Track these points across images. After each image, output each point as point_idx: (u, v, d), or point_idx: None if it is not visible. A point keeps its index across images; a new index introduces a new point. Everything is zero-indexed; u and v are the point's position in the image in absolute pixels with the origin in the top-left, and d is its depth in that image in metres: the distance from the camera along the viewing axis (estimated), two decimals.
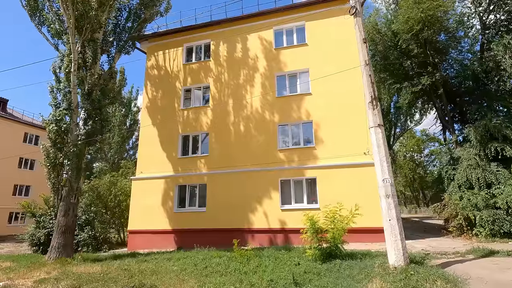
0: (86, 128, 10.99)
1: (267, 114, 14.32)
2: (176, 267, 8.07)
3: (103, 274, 7.81)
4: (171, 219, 14.27)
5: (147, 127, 15.78)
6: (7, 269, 9.32)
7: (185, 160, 15.03)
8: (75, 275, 7.82)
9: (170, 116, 15.78)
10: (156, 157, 15.32)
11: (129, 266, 8.63)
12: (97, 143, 11.39)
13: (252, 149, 14.05)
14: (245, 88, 15.01)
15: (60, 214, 10.58)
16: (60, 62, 11.88)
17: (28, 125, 29.10)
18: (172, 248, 13.65)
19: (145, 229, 14.36)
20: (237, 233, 12.99)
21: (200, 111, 15.45)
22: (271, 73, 14.83)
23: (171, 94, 16.19)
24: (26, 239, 15.19)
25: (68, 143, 10.67)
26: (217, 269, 7.64)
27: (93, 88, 11.53)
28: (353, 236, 11.05)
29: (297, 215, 12.61)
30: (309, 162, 13.14)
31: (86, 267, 8.84)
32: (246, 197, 13.40)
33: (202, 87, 15.98)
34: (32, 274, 8.31)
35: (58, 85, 11.73)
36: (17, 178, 27.55)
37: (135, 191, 15.14)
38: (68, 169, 10.80)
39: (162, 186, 14.79)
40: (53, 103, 11.20)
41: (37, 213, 15.23)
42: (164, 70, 16.73)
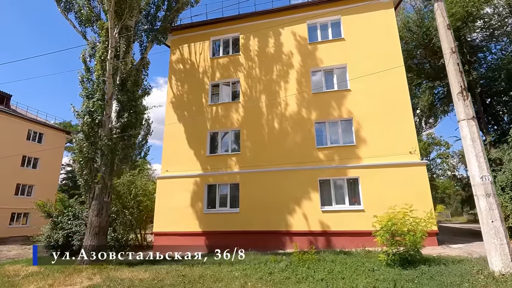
0: (122, 120, 10.16)
1: (304, 111, 13.67)
2: (237, 273, 7.29)
3: (157, 281, 7.00)
4: (200, 220, 13.44)
5: (172, 122, 14.96)
6: (40, 275, 8.40)
7: (214, 158, 14.25)
8: (125, 282, 6.98)
9: (197, 112, 15.01)
10: (182, 155, 14.51)
11: (180, 271, 7.81)
12: (131, 137, 10.53)
13: (287, 147, 13.37)
14: (278, 84, 14.35)
15: (92, 213, 9.70)
16: (91, 50, 11.05)
17: (32, 122, 27.81)
18: (203, 251, 12.81)
19: (172, 231, 13.50)
20: (273, 236, 12.36)
21: (230, 107, 14.72)
22: (306, 68, 14.21)
23: (197, 89, 15.43)
24: (42, 241, 14.14)
25: (102, 137, 9.82)
26: (285, 275, 6.90)
27: (127, 78, 10.73)
28: None
29: (339, 217, 12.03)
30: (350, 161, 12.51)
31: (130, 272, 7.99)
32: (283, 198, 12.69)
33: (231, 82, 15.26)
34: (73, 280, 7.43)
35: (88, 75, 10.89)
36: (20, 177, 26.24)
37: (161, 190, 14.28)
38: (102, 164, 9.94)
39: (190, 185, 13.97)
40: (85, 93, 10.34)
41: (53, 213, 14.24)
42: (190, 64, 15.97)
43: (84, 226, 13.45)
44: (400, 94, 12.57)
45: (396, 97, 12.54)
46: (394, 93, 12.59)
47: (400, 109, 12.40)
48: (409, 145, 11.94)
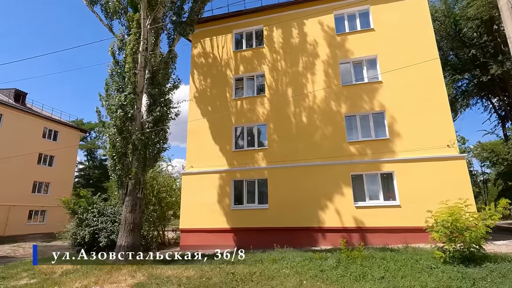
0: (154, 114, 9.89)
1: (333, 104, 13.27)
2: (286, 271, 6.99)
3: (205, 279, 6.73)
4: (228, 217, 13.17)
5: (195, 119, 14.66)
6: (78, 272, 8.20)
7: (240, 153, 13.94)
8: (172, 280, 6.72)
9: (221, 107, 14.70)
10: (207, 151, 14.23)
11: (224, 269, 7.54)
12: (161, 131, 10.24)
13: (317, 141, 13.00)
14: (305, 77, 13.95)
15: (126, 210, 9.46)
16: (120, 43, 10.77)
17: (47, 120, 27.79)
18: (231, 248, 12.55)
19: (199, 228, 13.27)
20: (305, 232, 12.05)
21: (255, 101, 14.37)
22: (334, 60, 13.79)
23: (221, 83, 15.10)
24: (68, 238, 14.04)
25: (135, 131, 9.55)
26: (339, 273, 6.57)
27: (157, 71, 10.44)
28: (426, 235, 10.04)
29: (373, 213, 11.65)
30: (384, 155, 12.10)
31: (171, 270, 7.73)
32: (314, 193, 12.34)
33: (255, 76, 14.90)
34: (116, 278, 7.20)
35: (117, 68, 10.62)
36: (36, 174, 26.27)
37: (186, 186, 14.04)
38: (134, 160, 9.69)
39: (216, 181, 13.70)
40: (116, 87, 10.09)
41: (78, 210, 14.10)
42: (212, 58, 15.64)
43: (111, 223, 13.31)
44: (436, 86, 12.09)
45: (432, 89, 12.07)
46: (429, 85, 12.12)
47: (436, 101, 11.93)
48: (447, 138, 11.49)
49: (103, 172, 44.60)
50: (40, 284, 7.05)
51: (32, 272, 8.70)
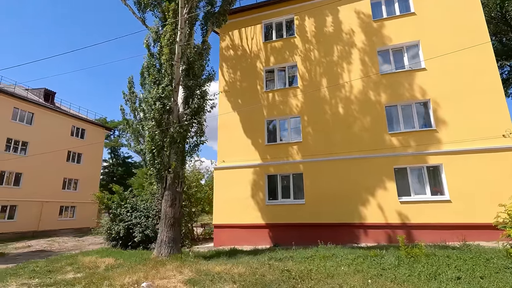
0: (192, 106, 9.63)
1: (372, 94, 12.58)
2: (345, 268, 6.52)
3: (258, 276, 6.36)
4: (262, 212, 12.81)
5: (226, 112, 14.35)
6: (122, 267, 8.08)
7: (274, 147, 13.52)
8: (224, 277, 6.40)
9: (251, 100, 14.31)
10: (238, 145, 13.91)
11: (273, 265, 7.16)
12: (198, 124, 9.97)
13: (355, 134, 12.37)
14: (340, 66, 13.31)
15: (166, 204, 9.27)
16: (155, 35, 10.57)
17: (75, 118, 28.45)
18: (266, 244, 12.24)
19: (233, 223, 12.99)
20: (345, 229, 11.50)
21: (287, 92, 13.88)
22: (371, 48, 13.06)
23: (251, 76, 14.71)
24: (103, 233, 14.17)
25: (174, 123, 9.32)
26: (403, 272, 6.03)
27: (194, 62, 10.16)
28: (485, 233, 9.31)
29: (419, 208, 10.95)
30: (430, 147, 11.32)
31: (218, 266, 7.43)
32: (354, 188, 11.75)
33: (287, 67, 14.39)
34: (164, 273, 6.97)
35: (153, 61, 10.43)
36: (65, 171, 26.97)
37: (218, 181, 13.78)
38: (173, 153, 9.47)
39: (249, 176, 13.36)
40: (152, 79, 9.89)
41: (112, 205, 14.17)
42: (241, 50, 15.26)
43: (144, 218, 13.28)
44: (488, 72, 11.16)
45: (482, 75, 11.15)
46: (480, 71, 11.20)
47: (488, 88, 11.00)
48: (502, 127, 10.58)
49: (126, 170, 45.57)
50: (88, 279, 6.91)
51: (76, 266, 8.67)
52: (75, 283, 6.78)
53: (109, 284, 6.33)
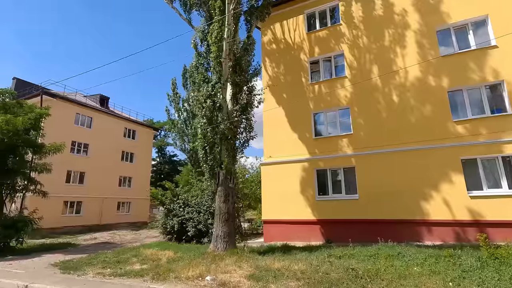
0: (241, 102, 9.66)
1: (431, 79, 11.48)
2: (418, 269, 6.00)
3: (321, 273, 6.13)
4: (313, 208, 12.49)
5: (271, 108, 14.19)
6: (182, 260, 8.39)
7: (322, 140, 13.07)
8: (283, 273, 6.28)
9: (296, 93, 13.97)
10: (285, 140, 13.69)
11: (335, 263, 6.87)
12: (247, 119, 9.96)
13: (413, 123, 11.41)
14: (393, 51, 12.35)
15: (219, 200, 9.44)
16: (201, 35, 10.76)
17: (126, 121, 30.60)
18: (317, 241, 11.89)
19: (282, 219, 12.86)
20: (405, 226, 10.67)
21: (335, 83, 13.28)
22: (428, 28, 11.89)
23: (295, 68, 14.35)
24: (158, 227, 15.00)
25: (224, 120, 9.42)
26: (490, 275, 5.33)
27: (240, 58, 10.15)
28: None
29: (495, 203, 9.76)
30: (505, 134, 10.00)
31: (277, 262, 7.34)
32: (413, 182, 10.87)
33: (332, 56, 13.76)
34: (224, 268, 7.07)
35: (201, 60, 10.64)
36: (121, 170, 29.15)
37: (266, 177, 13.74)
38: (224, 149, 9.60)
39: (297, 171, 13.09)
40: (201, 78, 10.11)
41: (166, 201, 14.90)
42: (284, 43, 14.95)
43: (196, 213, 13.74)
44: None
45: None
46: None
47: None
48: None
49: (173, 167, 48.04)
50: (155, 271, 7.27)
51: (141, 258, 9.20)
52: (144, 274, 7.17)
53: (175, 276, 6.58)
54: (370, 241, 9.58)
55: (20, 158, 12.97)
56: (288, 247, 10.13)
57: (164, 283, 6.23)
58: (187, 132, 26.28)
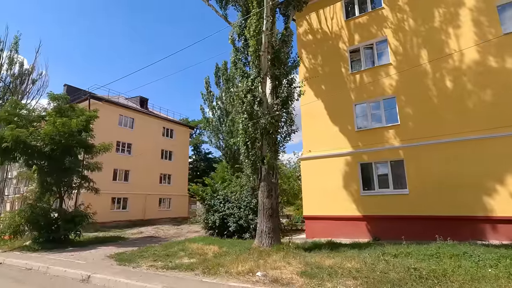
0: (282, 95, 9.45)
1: (491, 60, 10.31)
2: (493, 271, 5.38)
3: (379, 272, 5.75)
4: (357, 203, 11.94)
5: (308, 100, 13.76)
6: (229, 255, 8.44)
7: (365, 132, 12.42)
8: (337, 271, 6.00)
9: (336, 84, 13.40)
10: (325, 133, 13.23)
11: (391, 262, 6.42)
12: (288, 113, 9.72)
13: (471, 110, 10.36)
14: (445, 32, 11.29)
15: (263, 195, 9.37)
16: (239, 29, 10.70)
17: (164, 120, 31.87)
18: (365, 238, 11.34)
19: (324, 215, 12.47)
20: (463, 223, 9.77)
21: (378, 71, 12.51)
22: (488, 4, 10.67)
23: (333, 58, 13.76)
24: (200, 222, 15.39)
25: (265, 114, 9.28)
26: None
27: (279, 50, 9.92)
28: None
29: None
30: None
31: (329, 259, 7.07)
32: (473, 174, 9.87)
33: (375, 43, 12.97)
34: (273, 264, 6.96)
35: (239, 55, 10.58)
36: (161, 168, 30.46)
37: (305, 172, 13.42)
38: (266, 144, 9.48)
39: (340, 165, 12.58)
40: (240, 73, 10.07)
41: (206, 197, 15.20)
42: (321, 32, 14.40)
43: (237, 208, 13.83)
44: None
45: None
46: None
47: None
48: None
49: (208, 165, 49.25)
50: (204, 265, 7.37)
51: (188, 252, 9.43)
52: (193, 267, 7.30)
53: (226, 271, 6.60)
54: (424, 239, 8.96)
55: (75, 157, 13.98)
56: (334, 244, 9.78)
57: (216, 278, 6.27)
58: (221, 129, 26.70)
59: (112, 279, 6.64)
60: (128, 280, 6.39)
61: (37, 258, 9.83)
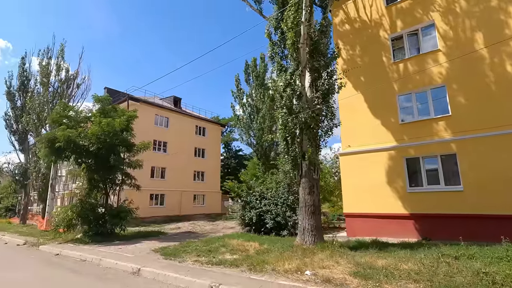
0: (322, 88, 9.08)
1: None
2: None
3: (442, 276, 5.26)
4: (403, 201, 11.23)
5: (346, 93, 13.16)
6: (272, 252, 8.31)
7: (411, 125, 11.62)
8: (392, 273, 5.59)
9: (376, 75, 12.68)
10: (365, 127, 12.58)
11: (454, 264, 5.87)
12: (328, 106, 9.32)
13: None
14: (504, 12, 10.15)
15: (304, 192, 9.10)
16: (275, 23, 10.46)
17: (197, 119, 32.59)
18: (413, 238, 10.62)
19: (366, 213, 11.90)
20: None
21: (424, 59, 11.62)
22: None
23: (373, 48, 13.03)
24: (237, 219, 15.46)
25: (306, 108, 8.97)
26: None
27: (318, 42, 9.53)
28: None
29: None
30: None
31: (381, 260, 6.67)
32: None
33: (420, 28, 12.05)
34: (321, 263, 6.69)
35: (275, 48, 10.34)
36: (194, 165, 31.23)
37: (345, 168, 12.89)
38: (306, 139, 9.18)
39: (382, 160, 11.91)
40: (278, 67, 9.85)
41: (242, 194, 15.21)
42: (359, 22, 13.69)
43: (274, 205, 13.67)
44: None
45: None
46: None
47: None
48: None
49: (239, 162, 49.74)
50: (247, 261, 7.31)
51: (230, 248, 9.44)
52: (238, 264, 7.26)
53: (272, 269, 6.47)
54: (482, 240, 8.22)
55: (118, 156, 14.68)
56: (381, 243, 9.24)
57: (263, 275, 6.16)
58: (252, 126, 26.69)
59: (162, 273, 6.80)
60: (177, 275, 6.49)
61: (89, 251, 10.44)
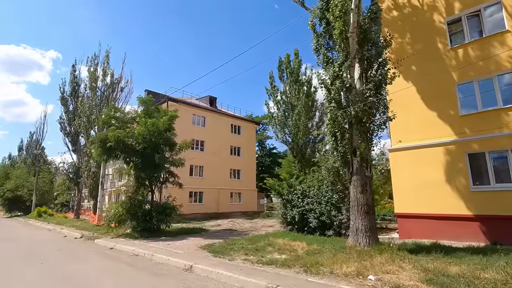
0: (374, 79, 8.46)
1: None
2: None
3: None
4: (466, 200, 10.16)
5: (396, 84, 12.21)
6: (324, 253, 7.92)
7: (473, 117, 10.47)
8: (473, 282, 4.94)
9: (431, 63, 11.61)
10: (418, 120, 11.60)
11: None
12: (380, 98, 8.66)
13: None
14: None
15: (356, 190, 8.56)
16: (320, 13, 9.98)
17: (232, 117, 32.92)
18: (479, 242, 9.52)
19: (421, 213, 10.96)
20: None
21: (490, 42, 10.37)
22: None
23: (426, 34, 11.95)
24: (278, 217, 15.23)
25: (356, 101, 8.42)
26: None
27: (368, 30, 8.91)
28: None
29: None
30: None
31: (453, 266, 6.01)
32: None
33: (482, 9, 10.79)
34: (382, 267, 6.18)
35: (321, 40, 9.86)
36: (231, 163, 31.56)
37: (396, 165, 12.01)
38: (357, 134, 8.63)
39: (439, 156, 10.89)
40: (324, 59, 9.39)
41: (283, 192, 14.91)
42: (409, 6, 12.65)
43: (317, 204, 13.20)
44: None
45: None
46: None
47: None
48: None
49: (273, 160, 49.52)
50: (300, 262, 7.02)
51: (277, 247, 9.22)
52: (290, 264, 7.00)
53: (330, 271, 6.11)
54: None
55: (162, 154, 15.16)
56: (445, 247, 8.38)
57: (322, 278, 5.82)
58: (287, 123, 26.22)
59: (214, 271, 6.75)
60: (230, 273, 6.39)
61: (141, 245, 10.85)
